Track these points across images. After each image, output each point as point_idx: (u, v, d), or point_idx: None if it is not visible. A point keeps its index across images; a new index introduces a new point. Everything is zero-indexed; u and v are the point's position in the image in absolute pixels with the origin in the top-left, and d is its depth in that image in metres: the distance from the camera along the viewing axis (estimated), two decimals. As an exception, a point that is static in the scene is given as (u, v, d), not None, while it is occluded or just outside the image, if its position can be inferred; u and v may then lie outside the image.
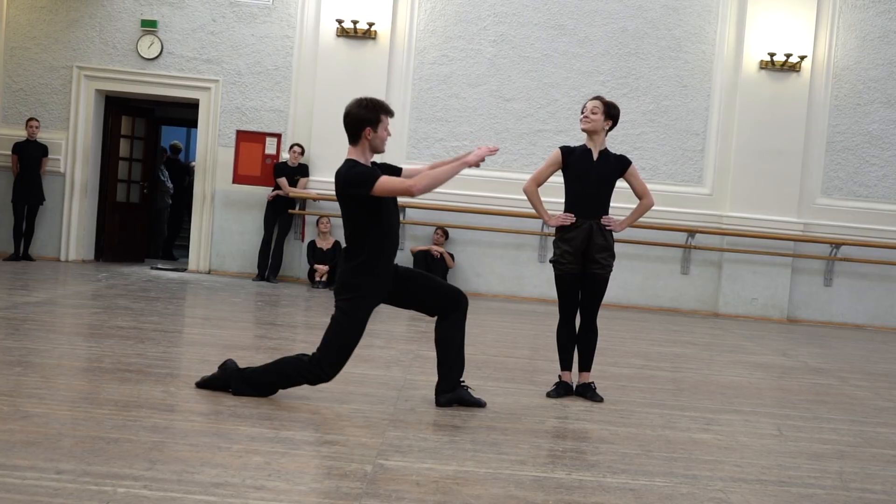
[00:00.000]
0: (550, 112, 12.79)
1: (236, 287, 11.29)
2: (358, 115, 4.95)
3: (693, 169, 12.88)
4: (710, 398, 6.21)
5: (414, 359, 6.78)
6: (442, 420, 4.86)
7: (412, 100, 12.82)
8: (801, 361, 8.63)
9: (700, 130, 12.87)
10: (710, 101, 12.84)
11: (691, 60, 12.81)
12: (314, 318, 9.46)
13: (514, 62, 12.81)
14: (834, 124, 12.85)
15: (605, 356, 7.82)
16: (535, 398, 5.69)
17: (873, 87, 12.82)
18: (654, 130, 12.83)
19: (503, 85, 12.81)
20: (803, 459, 4.63)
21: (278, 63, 12.76)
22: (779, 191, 12.65)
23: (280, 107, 12.77)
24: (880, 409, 6.33)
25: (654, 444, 4.69)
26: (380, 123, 4.94)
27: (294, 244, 12.77)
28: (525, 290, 12.81)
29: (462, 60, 12.80)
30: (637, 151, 12.76)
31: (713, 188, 12.85)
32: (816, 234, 12.74)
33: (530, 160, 12.69)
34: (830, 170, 12.88)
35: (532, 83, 12.81)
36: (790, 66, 12.52)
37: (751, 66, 12.63)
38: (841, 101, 12.85)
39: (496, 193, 12.67)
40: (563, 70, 12.80)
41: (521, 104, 12.83)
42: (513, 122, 12.83)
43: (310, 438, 4.26)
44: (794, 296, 12.84)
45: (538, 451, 4.38)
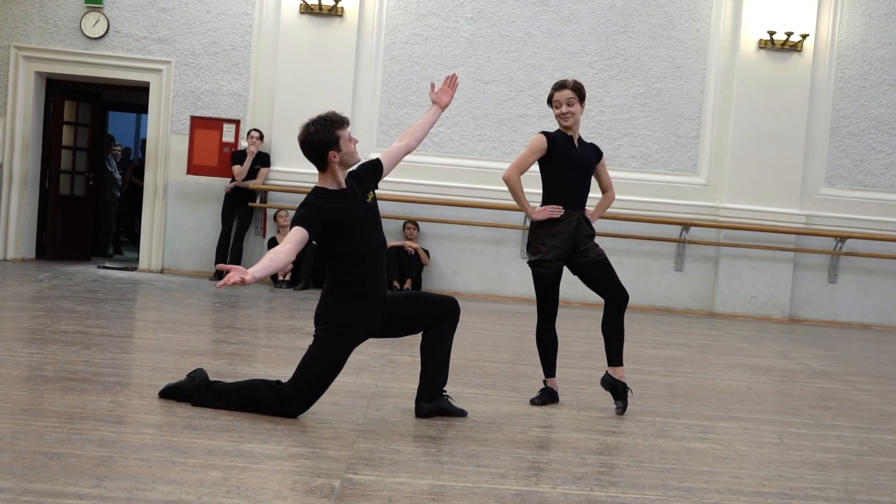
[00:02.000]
0: (533, 95, 12.81)
1: (192, 287, 11.24)
2: (314, 141, 4.91)
3: (687, 157, 12.95)
4: (705, 404, 6.25)
5: (385, 364, 6.78)
6: (416, 430, 4.86)
7: (382, 82, 12.81)
8: (803, 364, 8.70)
9: (694, 115, 12.94)
10: (706, 84, 12.92)
11: (685, 39, 12.88)
12: (277, 320, 9.44)
13: (494, 41, 12.82)
14: (838, 108, 12.96)
15: (593, 360, 7.85)
16: (518, 406, 5.70)
17: (880, 67, 12.94)
18: (645, 115, 12.89)
19: (481, 66, 12.83)
20: (806, 470, 4.67)
21: (236, 42, 12.71)
22: (779, 180, 12.74)
23: (238, 91, 12.73)
24: (888, 414, 6.39)
25: (646, 455, 4.71)
26: (340, 140, 4.92)
27: (255, 240, 12.74)
28: (506, 289, 12.85)
29: (437, 40, 12.81)
30: (627, 138, 12.82)
31: (709, 178, 12.93)
32: (820, 226, 12.84)
33: (511, 148, 12.71)
34: (834, 157, 12.99)
35: (513, 64, 12.84)
36: (791, 46, 12.61)
37: (749, 46, 12.71)
38: (845, 83, 12.96)
39: (474, 184, 12.69)
40: (546, 50, 12.83)
41: (501, 87, 12.85)
42: (492, 106, 12.85)
43: (272, 451, 4.25)
44: (796, 293, 12.94)
45: (520, 463, 4.39)
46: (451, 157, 12.81)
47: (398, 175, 12.46)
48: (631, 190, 12.80)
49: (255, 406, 4.91)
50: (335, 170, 4.95)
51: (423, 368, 5.18)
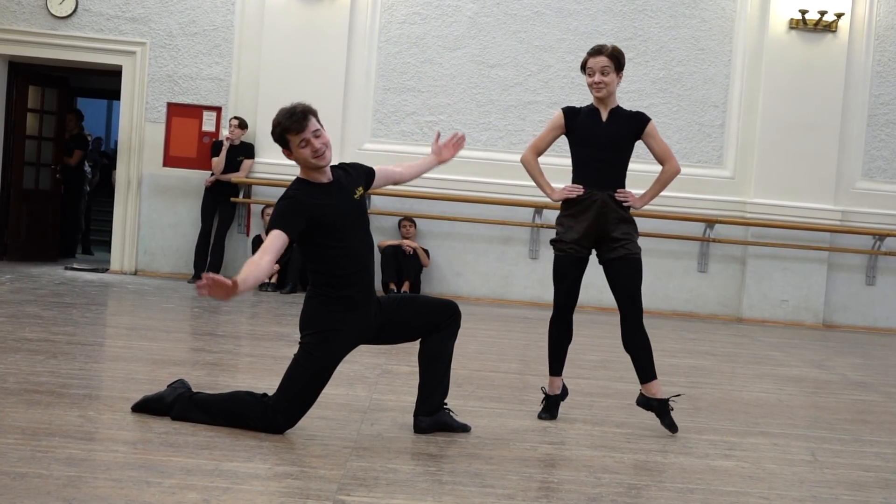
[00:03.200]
0: (542, 80, 12.82)
1: (168, 290, 11.23)
2: (272, 133, 5.01)
3: (711, 147, 12.94)
4: (732, 419, 6.25)
5: (381, 375, 6.77)
6: (414, 447, 4.86)
7: (378, 66, 12.81)
8: (839, 374, 8.70)
9: (720, 102, 12.93)
10: (732, 68, 12.91)
11: (709, 19, 12.87)
12: (262, 326, 9.44)
13: (499, 21, 12.82)
14: (876, 94, 12.96)
15: (610, 370, 7.86)
16: (526, 420, 5.70)
17: (923, 49, 12.94)
18: (666, 102, 12.89)
19: (486, 48, 12.83)
20: (842, 489, 4.66)
21: (217, 22, 12.71)
22: (812, 173, 12.73)
23: (220, 75, 12.72)
24: (932, 429, 6.39)
25: (667, 474, 4.71)
26: (289, 143, 4.92)
27: (237, 238, 12.74)
28: (514, 293, 12.85)
29: (437, 19, 12.81)
30: (645, 127, 12.79)
31: (735, 170, 12.93)
32: (856, 223, 12.83)
33: (519, 137, 12.71)
34: (873, 148, 12.98)
35: (520, 46, 12.84)
36: (825, 26, 12.60)
37: (779, 26, 12.70)
38: (884, 66, 12.96)
39: (479, 178, 12.69)
40: (556, 30, 12.83)
41: (508, 71, 12.85)
42: (498, 92, 12.85)
43: (257, 471, 4.24)
44: (830, 297, 12.94)
45: (529, 482, 4.39)
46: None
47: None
48: (649, 183, 12.75)
49: (239, 421, 4.91)
50: (304, 168, 4.97)
51: (421, 379, 5.17)
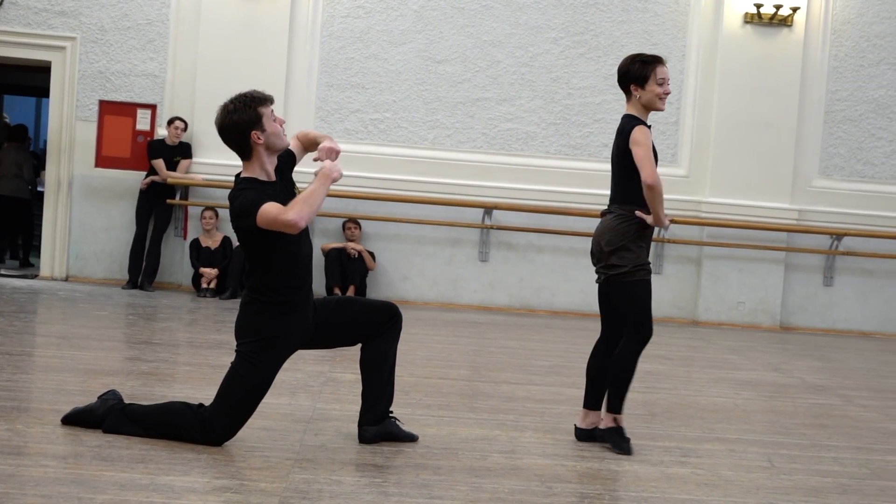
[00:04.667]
0: (491, 76, 12.86)
1: (101, 297, 11.12)
2: (233, 121, 4.86)
3: (665, 145, 13.04)
4: (687, 424, 6.31)
5: (325, 383, 6.76)
6: (359, 458, 4.85)
7: (320, 62, 12.77)
8: (796, 377, 8.80)
9: (673, 98, 13.02)
10: (686, 64, 13.03)
11: (662, 13, 12.98)
12: (200, 334, 9.38)
13: (447, 15, 12.84)
14: (833, 90, 13.13)
15: (562, 375, 7.90)
16: (476, 429, 5.71)
17: (879, 44, 13.14)
18: (618, 98, 12.84)
19: (433, 43, 12.84)
20: (799, 496, 4.73)
21: (151, 16, 12.60)
22: (768, 171, 12.88)
23: (154, 71, 12.62)
24: (890, 432, 6.49)
25: (621, 482, 4.74)
26: (263, 118, 4.87)
27: (174, 242, 12.64)
28: (463, 297, 12.87)
29: (382, 13, 12.80)
30: (597, 124, 12.90)
31: (690, 169, 13.05)
32: (814, 223, 13.00)
33: (467, 135, 12.75)
34: (830, 145, 13.16)
35: (469, 41, 12.86)
36: (780, 20, 12.76)
37: (733, 20, 12.84)
38: (841, 61, 13.14)
39: (426, 177, 12.69)
40: (505, 25, 12.87)
41: (456, 67, 12.87)
42: (445, 88, 12.87)
43: (194, 485, 4.22)
44: (788, 298, 13.09)
45: (478, 493, 4.40)
46: (399, 147, 12.80)
47: (339, 167, 12.44)
48: (603, 183, 12.78)
49: (175, 433, 4.87)
50: (261, 155, 4.90)
51: (364, 387, 5.16)
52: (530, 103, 12.91)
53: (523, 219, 12.75)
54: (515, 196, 12.73)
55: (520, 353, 9.15)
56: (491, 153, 12.90)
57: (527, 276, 12.91)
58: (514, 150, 12.93)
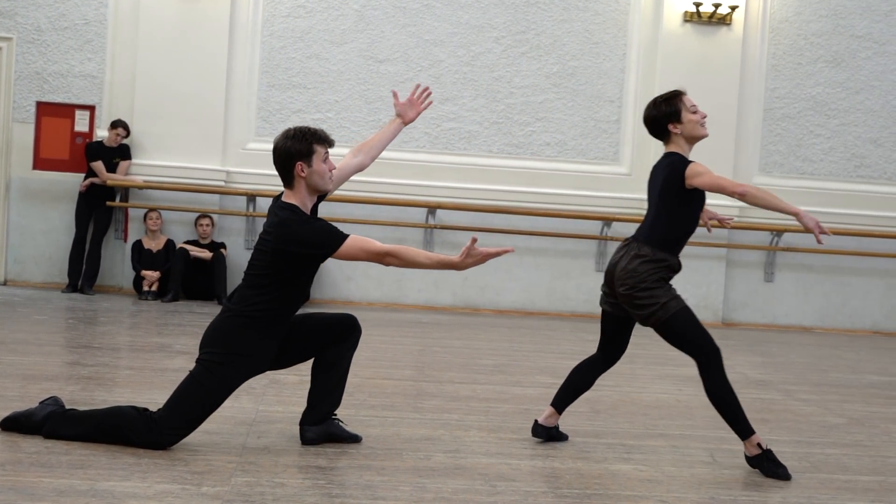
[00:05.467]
0: (434, 75, 12.86)
1: (41, 301, 10.98)
2: (285, 147, 4.91)
3: (608, 144, 13.14)
4: (631, 421, 6.35)
5: (269, 385, 6.72)
6: (303, 460, 4.83)
7: (261, 62, 12.71)
8: (738, 372, 8.89)
9: (615, 97, 13.14)
10: (627, 62, 13.12)
11: (603, 12, 13.07)
12: (142, 337, 9.30)
13: (388, 14, 12.83)
14: (772, 88, 13.30)
15: (507, 374, 7.92)
16: (420, 428, 5.71)
17: (816, 42, 13.32)
18: (560, 97, 13.04)
19: (375, 43, 12.83)
20: (740, 490, 4.78)
21: (89, 16, 12.46)
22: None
23: (93, 72, 12.48)
24: (830, 426, 6.58)
25: (564, 480, 4.76)
26: (314, 155, 4.88)
27: (115, 245, 12.51)
28: (407, 297, 12.87)
29: (323, 12, 12.76)
30: (540, 123, 12.96)
31: (632, 167, 13.15)
32: (754, 219, 13.14)
33: (410, 135, 12.74)
34: (769, 142, 13.32)
35: (410, 40, 12.87)
36: (719, 19, 12.89)
37: (673, 19, 12.96)
38: (780, 59, 13.31)
39: (369, 177, 12.56)
40: (447, 24, 12.89)
41: (398, 66, 12.86)
42: (388, 88, 12.83)
43: (135, 490, 4.18)
44: (729, 294, 13.24)
45: (422, 493, 4.40)
46: (342, 147, 12.62)
47: (281, 168, 12.38)
48: (546, 181, 12.96)
49: (119, 436, 4.82)
50: (301, 189, 4.93)
51: (312, 388, 5.15)
52: (473, 102, 12.94)
53: (467, 218, 12.77)
54: (459, 195, 12.75)
55: (464, 353, 9.17)
56: (434, 153, 12.91)
57: (471, 275, 12.92)
58: (456, 150, 12.95)
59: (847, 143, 13.37)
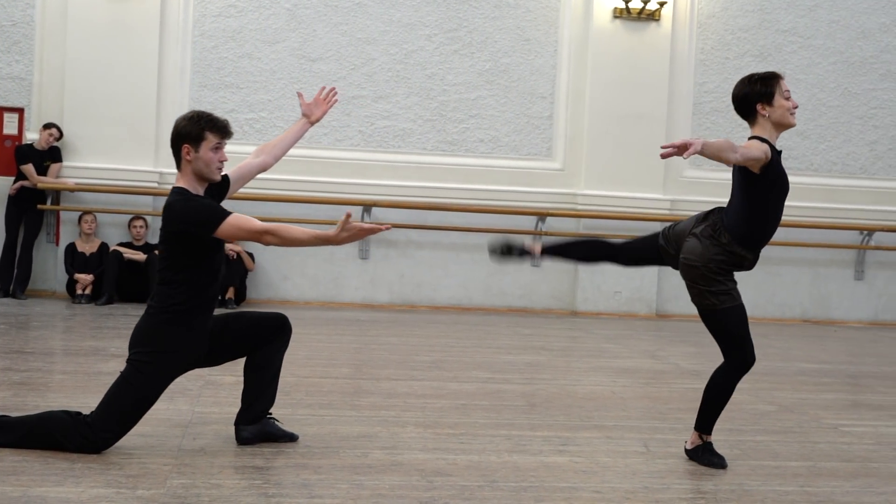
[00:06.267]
0: (367, 74, 12.84)
1: (-29, 307, 10.81)
2: (176, 127, 4.89)
3: (541, 139, 13.21)
4: (566, 414, 6.39)
5: (204, 386, 6.67)
6: (240, 461, 4.81)
7: (193, 61, 12.61)
8: (671, 364, 9.00)
9: (547, 93, 13.21)
10: (558, 58, 13.20)
11: (534, 9, 13.13)
12: (76, 341, 9.18)
13: (320, 13, 12.79)
14: (701, 82, 13.46)
15: (444, 370, 7.94)
16: (357, 426, 5.70)
17: (743, 37, 13.50)
18: (493, 94, 13.09)
19: (307, 42, 12.78)
20: (673, 479, 4.84)
21: (16, 17, 12.27)
22: (641, 163, 13.12)
23: (21, 74, 12.30)
24: (760, 414, 6.68)
25: (500, 473, 4.79)
26: (203, 141, 4.83)
27: (46, 248, 12.34)
28: (344, 295, 12.84)
29: (254, 12, 12.69)
30: (473, 120, 12.99)
31: (565, 162, 13.23)
32: (685, 212, 13.23)
33: (344, 133, 12.73)
34: (699, 135, 13.43)
35: (343, 39, 12.83)
36: (648, 15, 13.01)
37: (603, 16, 13.05)
38: (707, 54, 13.47)
39: (304, 176, 12.62)
40: (379, 22, 12.87)
41: (331, 65, 12.83)
42: (321, 86, 12.77)
43: (69, 495, 4.13)
44: (663, 287, 13.37)
45: (360, 490, 4.40)
46: (276, 146, 12.68)
47: (215, 168, 12.29)
48: (480, 178, 12.99)
49: (51, 441, 4.76)
50: (188, 173, 4.89)
51: (245, 388, 5.12)
52: (406, 100, 12.94)
53: (402, 215, 12.75)
54: (394, 193, 12.75)
55: (401, 350, 9.17)
56: (368, 151, 12.89)
57: (407, 272, 12.94)
58: (391, 148, 12.94)
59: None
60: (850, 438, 6.05)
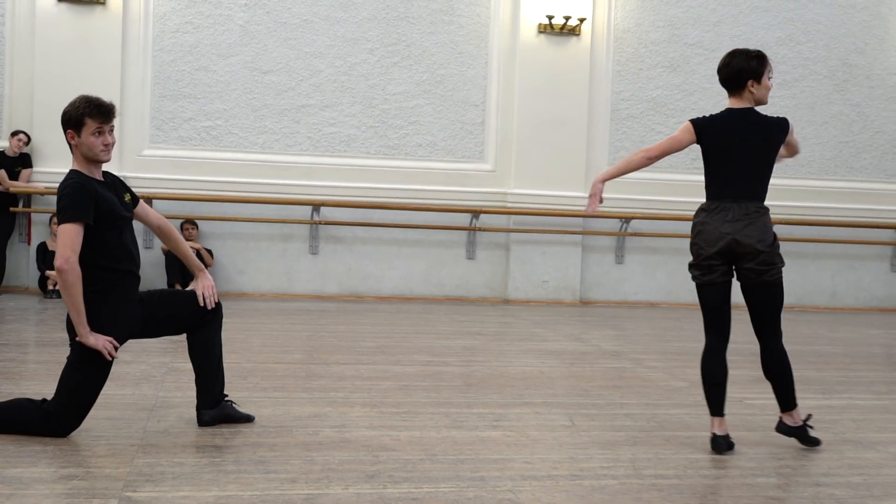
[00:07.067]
0: (314, 84, 12.77)
1: (-52, 303, 10.60)
2: (62, 113, 4.78)
3: (474, 143, 13.22)
4: (499, 392, 6.41)
5: (168, 373, 6.60)
6: (201, 441, 4.76)
7: (153, 74, 12.45)
8: (594, 345, 9.06)
9: (479, 101, 13.23)
10: (489, 70, 13.22)
11: (466, 25, 13.13)
12: (48, 333, 9.03)
13: (270, 29, 12.69)
14: (617, 91, 13.55)
15: (388, 354, 7.92)
16: (309, 407, 5.67)
17: (655, 50, 13.61)
18: (430, 103, 13.08)
19: (259, 55, 12.67)
20: (596, 450, 4.87)
21: (-13, 34, 12.04)
22: (564, 164, 13.20)
23: (-8, 86, 12.06)
24: (673, 389, 6.75)
25: (440, 447, 4.79)
26: (83, 127, 4.71)
27: (19, 248, 12.14)
28: (296, 287, 12.76)
29: (210, 28, 12.55)
30: (412, 126, 12.98)
31: (496, 164, 13.26)
32: (605, 208, 13.34)
33: (294, 139, 12.65)
34: (616, 139, 13.57)
35: (292, 52, 12.75)
36: (570, 30, 13.07)
37: (529, 31, 13.09)
38: (623, 65, 13.56)
39: (257, 179, 12.54)
40: (325, 37, 12.81)
41: (281, 76, 12.74)
42: (272, 97, 12.72)
43: (42, 475, 4.06)
44: (585, 276, 13.46)
45: (311, 466, 4.38)
46: (231, 152, 12.59)
47: (173, 172, 12.16)
48: (419, 179, 12.98)
49: (21, 427, 4.68)
50: (78, 156, 4.78)
51: (197, 375, 5.06)
52: (351, 108, 12.89)
53: (349, 214, 12.73)
54: (341, 193, 12.70)
55: (349, 336, 9.13)
56: (316, 155, 12.82)
57: (354, 266, 12.90)
58: (337, 152, 12.89)
59: (684, 139, 13.68)
60: (753, 410, 6.14)
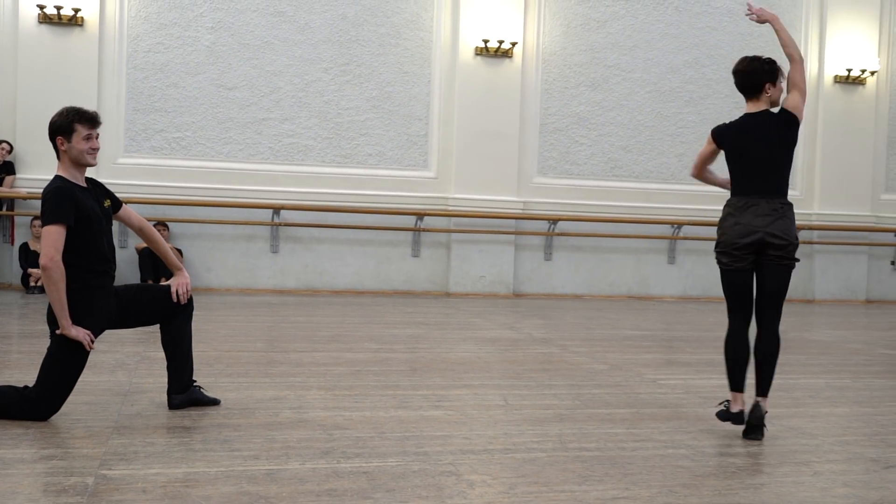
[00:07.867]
0: (274, 100, 12.67)
1: (-62, 298, 10.33)
2: (51, 122, 4.68)
3: (418, 153, 13.20)
4: (441, 375, 6.40)
5: (140, 361, 6.50)
6: (171, 422, 4.69)
7: (127, 90, 12.25)
8: (526, 333, 9.08)
9: (423, 116, 13.21)
10: (431, 87, 13.21)
11: (411, 47, 13.10)
12: (31, 325, 8.84)
13: (234, 49, 12.56)
14: (545, 107, 13.61)
15: (341, 343, 7.88)
16: (270, 390, 5.62)
17: (579, 71, 13.70)
18: (379, 117, 13.03)
19: (224, 73, 12.53)
20: (527, 426, 4.88)
21: (-27, 52, 11.75)
22: (499, 171, 13.23)
23: (-22, 100, 11.78)
24: (595, 371, 6.79)
25: (388, 426, 4.77)
26: (73, 133, 4.63)
27: (3, 248, 11.88)
28: (259, 282, 12.65)
29: (179, 48, 12.39)
30: (363, 137, 12.92)
31: (438, 171, 13.25)
32: (535, 211, 13.45)
33: (256, 149, 12.54)
34: (544, 150, 13.64)
35: (254, 71, 12.62)
36: (503, 53, 13.10)
37: (467, 53, 13.10)
38: (550, 84, 13.62)
39: (222, 185, 12.40)
40: (284, 57, 12.70)
41: (244, 93, 12.61)
42: (236, 111, 12.58)
43: (23, 456, 3.97)
44: (518, 271, 13.50)
45: (272, 444, 4.33)
46: (199, 160, 12.43)
47: (146, 178, 11.99)
48: (368, 185, 12.93)
49: (4, 412, 4.57)
50: (66, 161, 4.69)
51: (169, 362, 4.99)
52: (308, 121, 12.80)
53: (306, 216, 12.65)
54: (299, 198, 12.61)
55: (307, 327, 9.07)
56: (277, 163, 12.72)
57: (311, 263, 12.81)
58: (296, 160, 12.79)
59: (604, 150, 13.82)
60: (665, 389, 6.19)
